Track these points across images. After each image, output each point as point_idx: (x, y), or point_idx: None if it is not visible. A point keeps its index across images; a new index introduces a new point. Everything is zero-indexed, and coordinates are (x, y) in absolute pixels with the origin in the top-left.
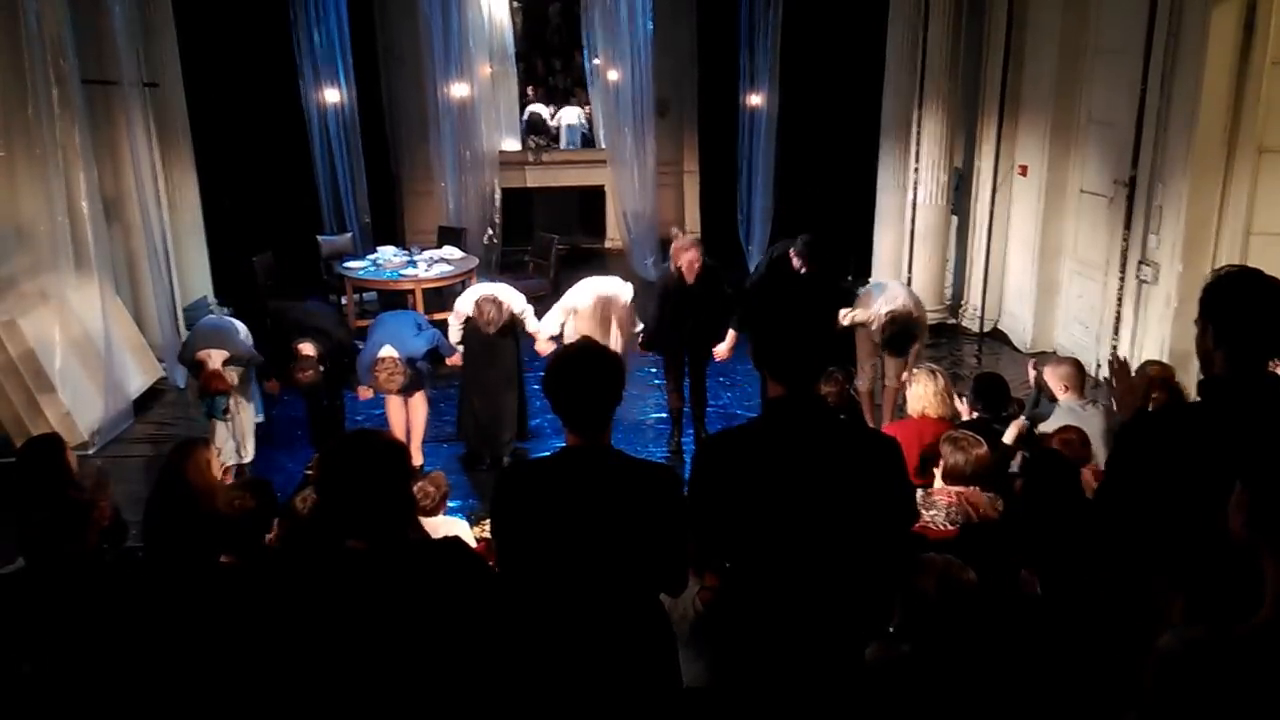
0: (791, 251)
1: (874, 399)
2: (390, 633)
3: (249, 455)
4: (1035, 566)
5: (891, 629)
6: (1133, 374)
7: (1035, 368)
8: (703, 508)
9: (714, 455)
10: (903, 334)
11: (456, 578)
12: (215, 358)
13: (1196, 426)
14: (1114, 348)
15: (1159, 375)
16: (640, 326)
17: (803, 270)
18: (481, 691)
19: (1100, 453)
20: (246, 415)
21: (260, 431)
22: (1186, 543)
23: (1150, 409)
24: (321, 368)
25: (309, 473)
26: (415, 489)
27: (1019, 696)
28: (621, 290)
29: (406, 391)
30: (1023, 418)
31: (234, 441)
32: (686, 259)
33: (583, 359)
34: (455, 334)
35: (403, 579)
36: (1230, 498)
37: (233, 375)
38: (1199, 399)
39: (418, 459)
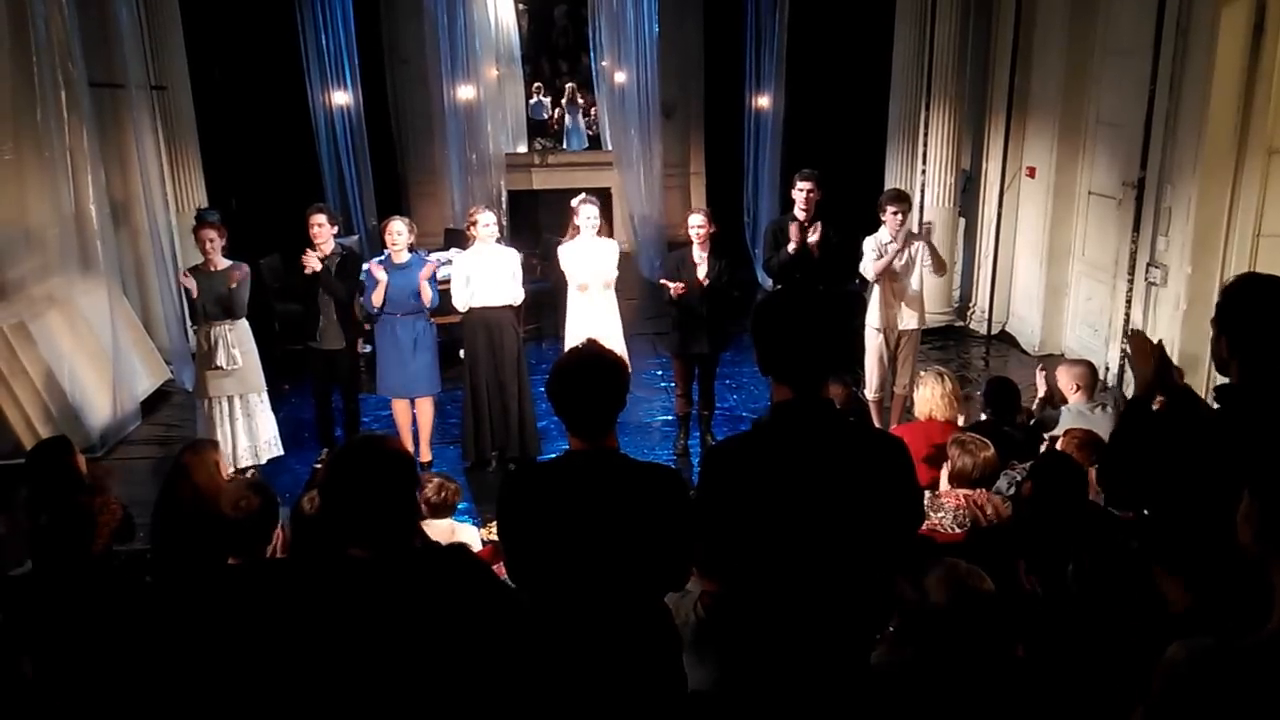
0: (797, 182)
1: (882, 403)
2: (393, 640)
3: (270, 454)
4: (1042, 570)
5: (892, 628)
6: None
7: (1042, 369)
8: (711, 513)
9: (722, 461)
10: None
11: (461, 585)
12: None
13: (1211, 433)
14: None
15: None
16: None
17: (807, 210)
18: (486, 697)
19: None
20: (263, 413)
21: None
22: (1194, 543)
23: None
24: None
25: (318, 467)
26: (435, 486)
27: (1023, 701)
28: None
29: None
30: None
31: (249, 442)
32: (695, 221)
33: (585, 363)
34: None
35: (406, 587)
36: (1239, 508)
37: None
38: (1216, 406)
39: (426, 456)
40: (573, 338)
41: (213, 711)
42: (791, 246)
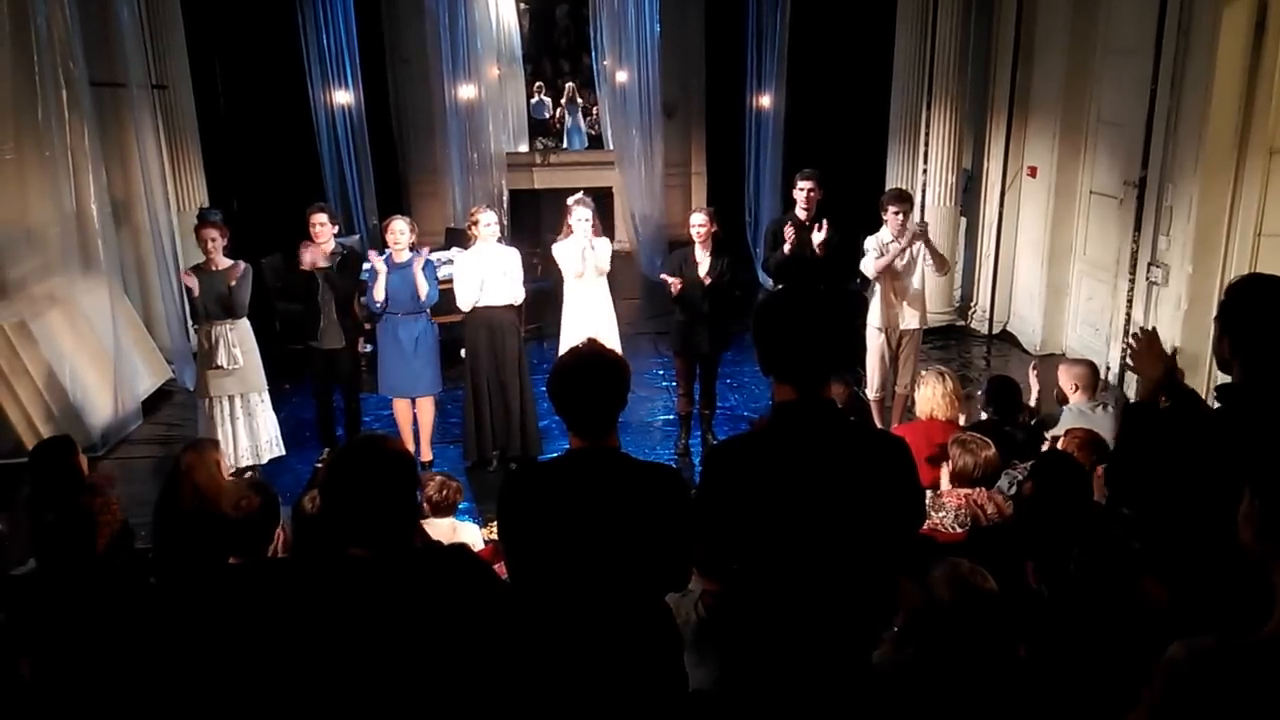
0: (798, 181)
1: (883, 403)
2: (393, 640)
3: (271, 454)
4: (1043, 569)
5: (896, 627)
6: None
7: (1035, 369)
8: (712, 513)
9: (723, 460)
10: None
11: (461, 585)
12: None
13: (1211, 431)
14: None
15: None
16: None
17: (808, 210)
18: (486, 697)
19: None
20: (264, 413)
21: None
22: (1187, 544)
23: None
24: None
25: (319, 466)
26: (436, 485)
27: (1025, 701)
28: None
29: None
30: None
31: (250, 442)
32: (696, 221)
33: (587, 363)
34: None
35: (406, 587)
36: (1240, 507)
37: (239, 354)
38: (1218, 404)
39: (426, 455)
40: (569, 326)
41: (214, 711)
42: (787, 247)
